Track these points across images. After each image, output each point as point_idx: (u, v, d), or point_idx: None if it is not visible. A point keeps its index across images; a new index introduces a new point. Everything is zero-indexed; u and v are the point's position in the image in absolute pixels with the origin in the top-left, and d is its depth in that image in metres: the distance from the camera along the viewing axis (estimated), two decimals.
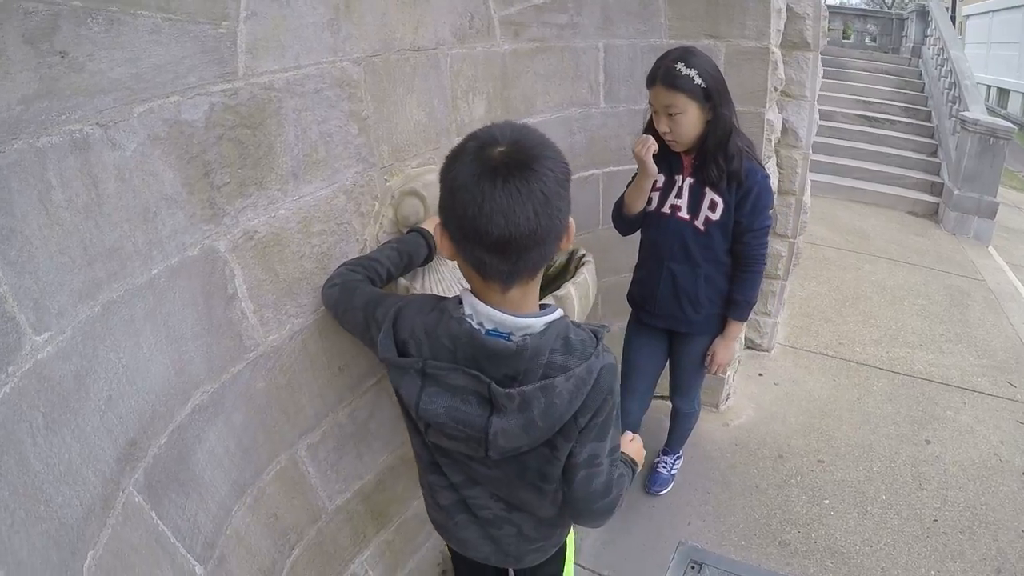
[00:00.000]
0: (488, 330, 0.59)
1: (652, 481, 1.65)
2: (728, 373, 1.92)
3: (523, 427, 0.59)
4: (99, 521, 0.53)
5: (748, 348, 2.29)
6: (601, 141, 1.65)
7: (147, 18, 0.59)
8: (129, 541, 0.57)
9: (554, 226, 0.55)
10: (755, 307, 2.34)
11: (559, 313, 0.62)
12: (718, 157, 1.15)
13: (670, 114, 1.11)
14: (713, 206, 1.20)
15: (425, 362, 0.61)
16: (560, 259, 1.22)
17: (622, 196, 1.32)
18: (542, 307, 0.64)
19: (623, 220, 1.33)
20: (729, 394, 1.99)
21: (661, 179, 1.26)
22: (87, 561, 0.50)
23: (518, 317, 0.59)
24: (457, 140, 1.27)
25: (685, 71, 1.07)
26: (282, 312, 0.85)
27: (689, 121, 1.12)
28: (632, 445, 0.89)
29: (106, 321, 0.58)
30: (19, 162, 0.48)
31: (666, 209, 1.25)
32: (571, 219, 0.59)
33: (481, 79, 1.24)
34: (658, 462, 1.68)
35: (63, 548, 0.48)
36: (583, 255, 1.17)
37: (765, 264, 1.29)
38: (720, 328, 1.36)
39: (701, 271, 1.28)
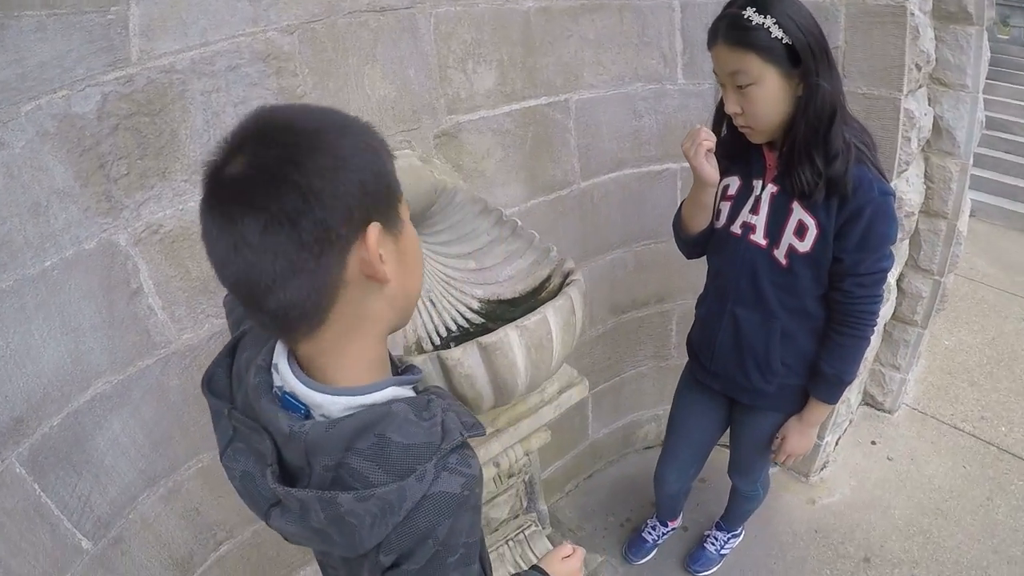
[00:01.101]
0: (284, 393, 0.54)
1: (694, 558, 1.55)
2: (829, 438, 1.68)
3: (315, 534, 0.52)
4: None
5: (866, 405, 2.09)
6: (679, 127, 1.54)
7: (31, 18, 0.77)
8: (2, 505, 0.79)
9: (283, 257, 0.47)
10: (882, 358, 2.01)
11: (396, 393, 0.56)
12: (812, 153, 0.96)
13: (739, 85, 0.96)
14: (802, 231, 1.02)
15: (231, 410, 0.57)
16: (542, 272, 1.20)
17: (680, 207, 1.21)
18: (405, 369, 0.60)
19: (680, 239, 1.24)
20: (827, 462, 1.77)
21: (735, 184, 1.11)
22: None
23: (311, 388, 0.53)
24: (450, 118, 1.32)
25: (758, 19, 0.91)
26: (197, 311, 1.02)
27: (766, 95, 0.95)
28: (563, 567, 0.84)
29: None
30: None
31: (736, 228, 1.12)
32: (372, 225, 0.50)
33: (488, 43, 1.25)
34: (707, 536, 1.57)
35: None
36: (570, 270, 1.12)
37: (874, 326, 1.07)
38: (799, 405, 1.19)
39: (777, 324, 1.11)
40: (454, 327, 1.20)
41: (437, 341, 1.25)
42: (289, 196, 0.46)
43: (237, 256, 0.47)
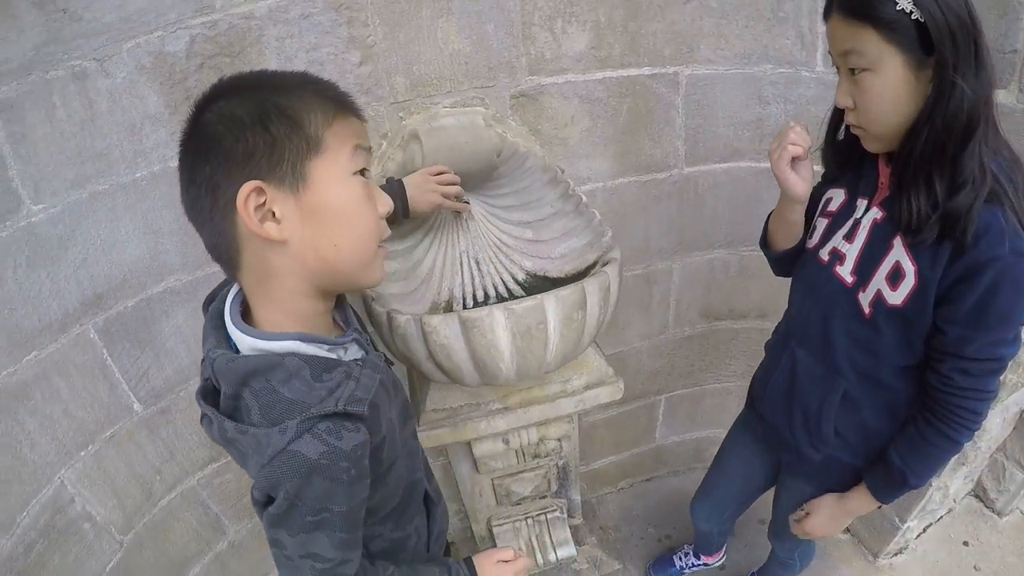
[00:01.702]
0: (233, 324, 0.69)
1: None
2: (914, 523, 1.53)
3: (225, 445, 0.69)
4: (51, 337, 1.11)
5: (973, 497, 1.92)
6: (811, 122, 1.36)
7: None
8: (73, 359, 1.14)
9: (199, 196, 0.63)
10: (1009, 449, 1.85)
11: (296, 348, 0.67)
12: (932, 175, 0.82)
13: (851, 69, 0.84)
14: (897, 276, 0.89)
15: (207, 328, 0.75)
16: (591, 256, 1.25)
17: (768, 217, 1.18)
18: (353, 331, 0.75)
19: (765, 252, 1.20)
20: (903, 548, 1.63)
21: (839, 198, 1.03)
22: (30, 356, 1.08)
23: (233, 322, 0.68)
24: (531, 78, 1.43)
25: None
26: None
27: (884, 86, 0.82)
28: (494, 570, 0.95)
29: (91, 205, 1.11)
30: (31, 91, 0.99)
31: (824, 254, 1.03)
32: (246, 185, 0.60)
33: (582, 2, 1.28)
34: None
35: (14, 342, 1.05)
36: (608, 260, 1.17)
37: (974, 429, 0.94)
38: (844, 485, 1.13)
39: (841, 383, 1.04)
40: (493, 294, 1.33)
41: (470, 303, 1.40)
42: (191, 152, 0.63)
43: (182, 202, 0.66)
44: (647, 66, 1.38)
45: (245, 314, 0.72)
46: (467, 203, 1.42)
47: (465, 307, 1.41)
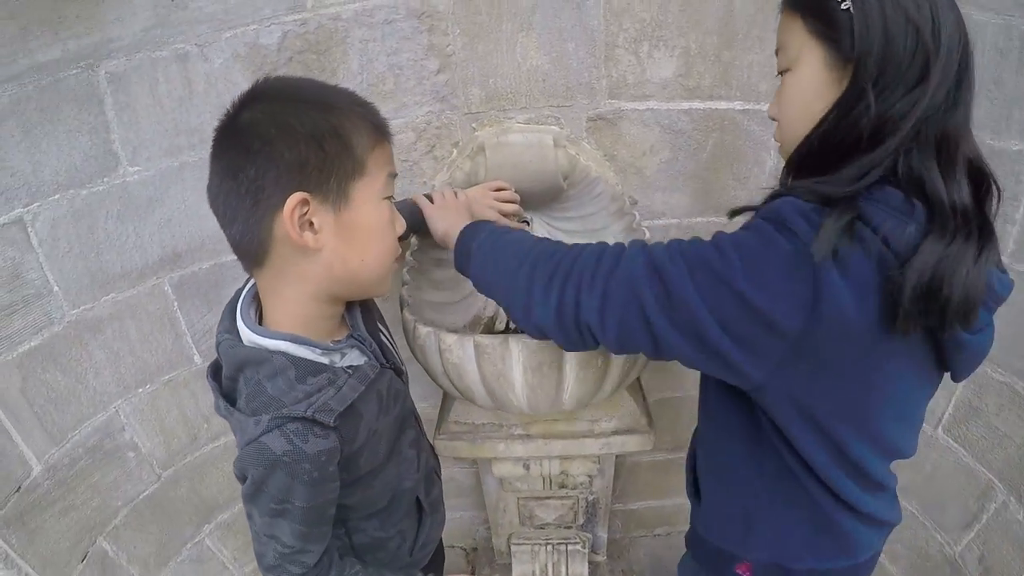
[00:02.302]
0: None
1: None
2: None
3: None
4: (130, 284, 1.24)
5: None
6: None
7: None
8: (146, 306, 1.28)
9: (237, 193, 0.67)
10: None
11: (286, 348, 0.72)
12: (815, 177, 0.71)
13: (779, 72, 0.78)
14: None
15: None
16: None
17: None
18: (348, 338, 0.80)
19: None
20: None
21: None
22: (108, 296, 1.22)
23: (241, 315, 0.75)
24: (610, 102, 1.41)
25: None
26: None
27: (798, 85, 0.73)
28: None
29: (181, 174, 1.23)
30: (139, 67, 1.12)
31: None
32: (295, 195, 0.65)
33: (672, 27, 1.20)
34: None
35: (96, 282, 1.20)
36: None
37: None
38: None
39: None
40: None
41: (512, 324, 1.39)
42: (233, 156, 0.68)
43: (209, 190, 0.72)
44: (739, 100, 1.27)
45: (259, 308, 0.78)
46: (526, 222, 1.40)
47: (508, 329, 1.40)
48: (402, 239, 0.85)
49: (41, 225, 1.07)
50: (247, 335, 0.73)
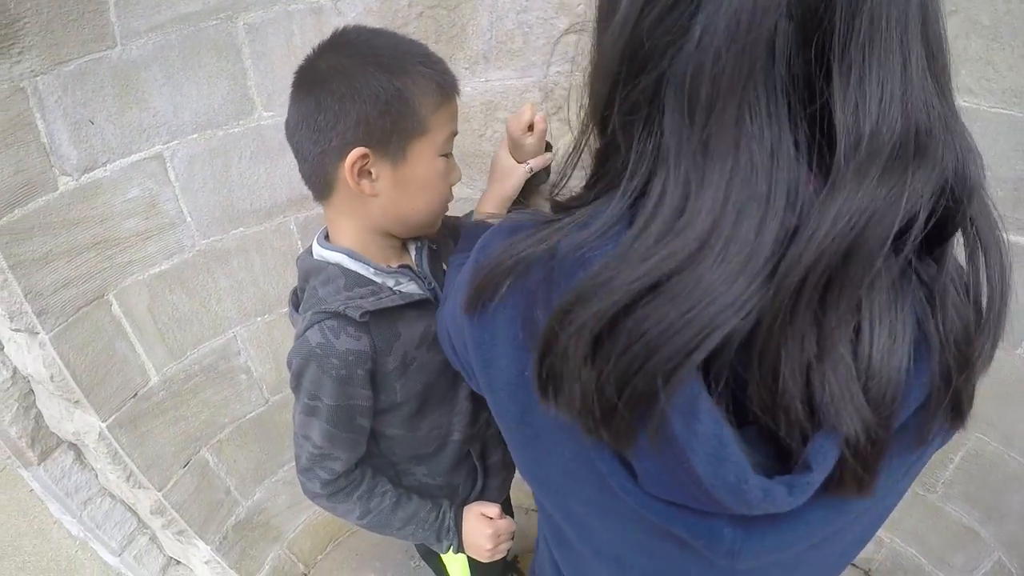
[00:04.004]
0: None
1: None
2: None
3: None
4: (257, 221, 1.33)
5: None
6: None
7: None
8: (272, 243, 1.37)
9: (300, 142, 0.75)
10: None
11: (340, 260, 0.80)
12: None
13: None
14: None
15: None
16: None
17: None
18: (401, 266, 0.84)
19: None
20: None
21: None
22: (237, 230, 1.31)
23: (318, 235, 0.85)
24: None
25: None
26: None
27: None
28: (473, 523, 0.96)
29: None
30: (275, 19, 1.14)
31: None
32: (356, 150, 0.71)
33: None
34: None
35: (227, 216, 1.29)
36: None
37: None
38: None
39: None
40: None
41: None
42: (309, 102, 0.73)
43: (287, 125, 0.78)
44: None
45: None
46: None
47: None
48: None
49: (179, 161, 1.17)
50: (317, 250, 0.83)
